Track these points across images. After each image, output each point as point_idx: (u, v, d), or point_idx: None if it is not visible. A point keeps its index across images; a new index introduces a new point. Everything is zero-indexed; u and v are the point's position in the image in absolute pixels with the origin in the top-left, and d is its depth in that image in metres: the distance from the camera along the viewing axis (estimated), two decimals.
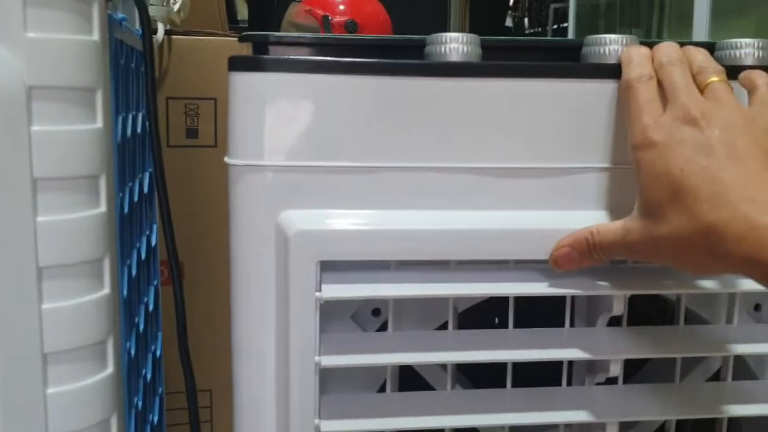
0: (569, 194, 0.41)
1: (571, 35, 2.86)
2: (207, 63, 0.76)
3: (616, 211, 0.41)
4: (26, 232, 0.34)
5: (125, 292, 0.44)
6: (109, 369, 0.39)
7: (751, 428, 0.48)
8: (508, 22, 3.54)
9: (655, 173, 0.36)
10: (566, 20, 2.94)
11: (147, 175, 0.55)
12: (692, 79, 0.38)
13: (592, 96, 0.40)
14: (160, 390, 0.60)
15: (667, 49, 0.39)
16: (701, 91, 0.38)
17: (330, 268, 0.39)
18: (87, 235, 0.36)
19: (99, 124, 0.36)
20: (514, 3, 3.54)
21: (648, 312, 0.49)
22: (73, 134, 0.35)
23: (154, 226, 0.59)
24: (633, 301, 0.44)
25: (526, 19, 3.49)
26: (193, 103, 0.76)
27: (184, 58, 0.76)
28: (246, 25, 1.83)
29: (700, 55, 0.39)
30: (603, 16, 2.84)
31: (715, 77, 0.38)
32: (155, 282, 0.58)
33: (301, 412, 0.40)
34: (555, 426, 0.45)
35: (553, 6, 3.24)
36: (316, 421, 0.40)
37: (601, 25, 2.81)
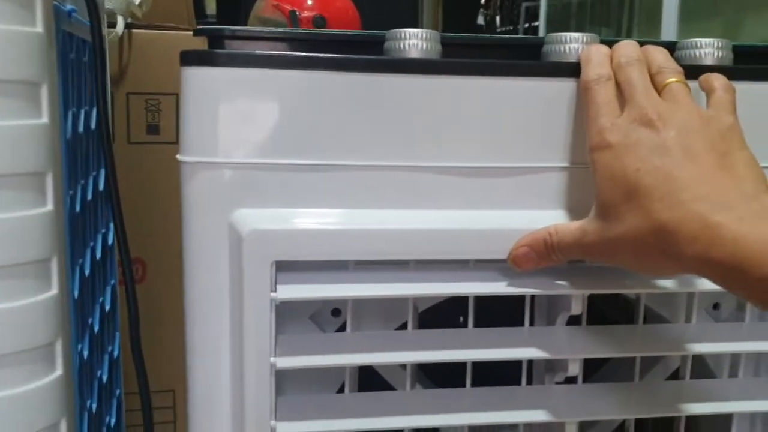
0: (529, 194, 0.41)
1: (542, 34, 2.88)
2: (168, 57, 0.74)
3: (576, 210, 0.41)
4: None
5: (76, 293, 0.42)
6: (58, 371, 0.38)
7: (709, 426, 0.48)
8: (480, 20, 3.55)
9: (611, 174, 0.36)
10: (537, 19, 2.96)
11: (103, 171, 0.54)
12: (651, 80, 0.38)
13: (552, 94, 0.40)
14: (117, 391, 0.59)
15: (626, 49, 0.39)
16: (659, 91, 0.38)
17: (287, 267, 0.39)
18: (32, 234, 0.35)
19: (44, 119, 0.35)
20: (486, 1, 3.55)
21: (610, 311, 0.49)
22: (14, 129, 0.33)
23: (111, 225, 0.57)
24: (595, 301, 0.44)
25: (497, 18, 3.50)
26: (154, 99, 0.74)
27: (145, 53, 0.74)
28: (214, 20, 1.80)
29: (660, 55, 0.39)
30: (574, 15, 2.86)
31: (673, 78, 0.38)
32: (112, 282, 0.57)
33: (257, 413, 0.39)
34: (515, 425, 0.44)
35: (524, 5, 3.26)
36: (272, 422, 0.39)
37: (572, 24, 2.83)
